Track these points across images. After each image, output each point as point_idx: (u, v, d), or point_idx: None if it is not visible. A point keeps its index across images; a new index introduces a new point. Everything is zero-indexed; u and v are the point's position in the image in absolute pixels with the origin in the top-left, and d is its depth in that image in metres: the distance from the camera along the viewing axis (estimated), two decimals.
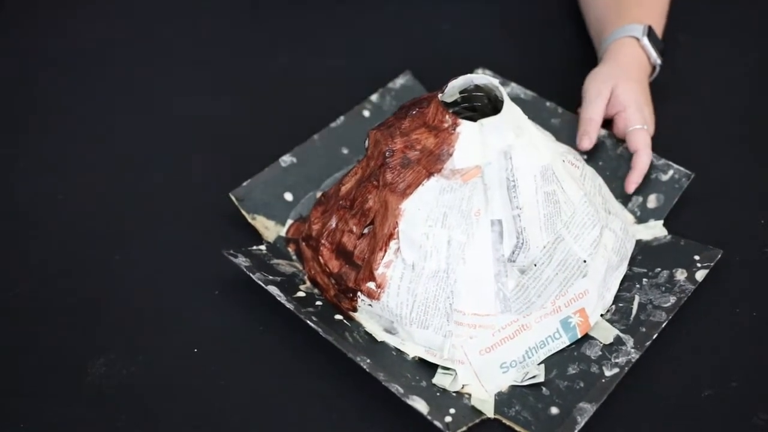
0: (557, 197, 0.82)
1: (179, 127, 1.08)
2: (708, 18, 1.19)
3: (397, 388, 0.76)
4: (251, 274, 0.84)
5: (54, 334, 0.87)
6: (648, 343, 0.81)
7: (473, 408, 0.79)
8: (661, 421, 0.79)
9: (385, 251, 0.81)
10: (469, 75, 0.84)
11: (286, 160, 0.95)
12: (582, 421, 0.76)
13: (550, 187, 0.81)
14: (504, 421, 0.78)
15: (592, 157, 0.98)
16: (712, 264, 0.87)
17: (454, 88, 0.85)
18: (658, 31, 1.04)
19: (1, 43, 1.20)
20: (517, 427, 0.77)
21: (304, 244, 0.89)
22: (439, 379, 0.81)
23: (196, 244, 0.94)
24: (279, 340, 0.85)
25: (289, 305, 0.81)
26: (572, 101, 1.02)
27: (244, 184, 0.92)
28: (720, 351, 0.83)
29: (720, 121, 1.07)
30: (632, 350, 0.81)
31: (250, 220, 0.91)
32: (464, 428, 0.76)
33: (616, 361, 0.81)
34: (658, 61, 1.01)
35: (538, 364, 0.82)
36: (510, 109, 0.81)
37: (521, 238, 0.80)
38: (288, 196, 0.94)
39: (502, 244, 0.80)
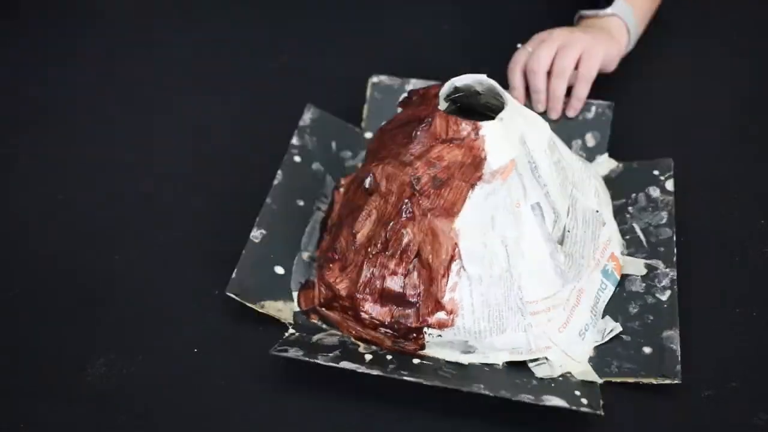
0: (562, 164, 0.85)
1: (179, 127, 1.08)
2: (708, 18, 1.19)
3: (526, 398, 0.75)
4: (323, 362, 0.78)
5: (54, 334, 0.87)
6: (675, 258, 0.86)
7: (584, 382, 0.80)
8: (662, 422, 0.79)
9: (448, 276, 0.80)
10: (451, 80, 0.85)
11: (257, 235, 0.88)
12: (677, 347, 0.80)
13: (555, 157, 0.84)
14: (614, 380, 0.79)
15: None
16: (671, 171, 0.93)
17: (443, 96, 0.85)
18: (645, 14, 1.05)
19: (1, 43, 1.21)
20: (630, 380, 0.79)
21: (325, 309, 0.85)
22: (540, 371, 0.81)
23: (196, 244, 0.94)
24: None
25: (393, 375, 0.77)
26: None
27: (233, 276, 0.84)
28: (720, 351, 0.83)
29: (720, 120, 1.07)
30: (668, 270, 0.86)
31: (259, 310, 0.84)
32: (602, 402, 0.76)
33: (662, 284, 0.85)
34: (608, 11, 1.03)
35: (602, 318, 0.84)
36: (509, 97, 0.83)
37: (555, 212, 0.82)
38: (279, 270, 0.88)
39: (545, 223, 0.81)
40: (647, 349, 0.81)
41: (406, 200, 0.81)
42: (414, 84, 1.04)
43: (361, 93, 1.05)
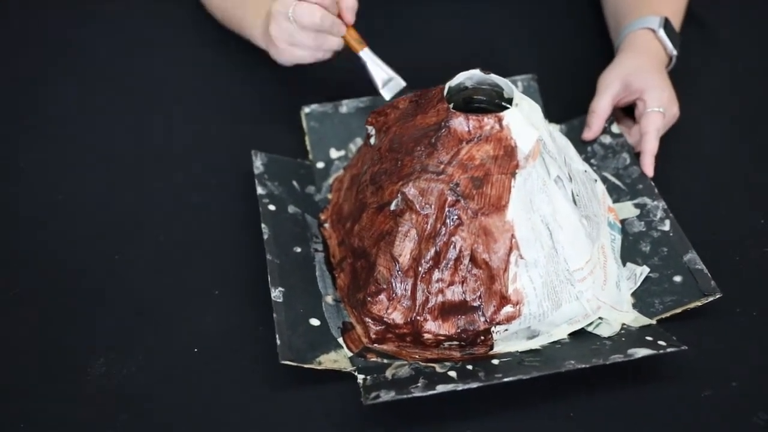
0: (553, 134, 0.88)
1: (179, 126, 1.08)
2: (708, 17, 1.19)
3: (617, 358, 0.78)
4: (420, 395, 0.76)
5: (54, 334, 0.86)
6: (656, 190, 0.92)
7: (642, 328, 0.83)
8: (662, 421, 0.79)
9: (508, 269, 0.80)
10: (447, 84, 0.85)
11: (277, 294, 0.85)
12: (702, 265, 0.86)
13: (548, 128, 0.86)
14: (664, 316, 0.84)
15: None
16: (611, 116, 0.99)
17: (451, 101, 0.85)
18: (676, 23, 1.05)
19: (1, 43, 1.21)
20: (679, 310, 0.84)
21: (377, 345, 0.83)
22: (603, 331, 0.83)
23: (196, 244, 0.94)
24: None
25: (491, 382, 0.76)
26: (574, 99, 1.03)
27: (278, 343, 0.80)
28: (720, 351, 0.83)
29: (720, 120, 1.07)
30: (655, 202, 0.92)
31: (318, 368, 0.81)
32: (674, 337, 0.80)
33: (658, 217, 0.91)
34: (675, 53, 1.03)
35: (624, 266, 0.89)
36: (509, 83, 0.85)
37: (568, 180, 0.84)
38: (314, 322, 0.85)
39: (568, 192, 0.84)
40: (678, 278, 0.86)
41: (449, 208, 0.80)
42: (346, 105, 1.03)
43: (362, 92, 1.05)
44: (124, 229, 0.96)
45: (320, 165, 1.01)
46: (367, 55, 0.99)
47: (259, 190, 0.94)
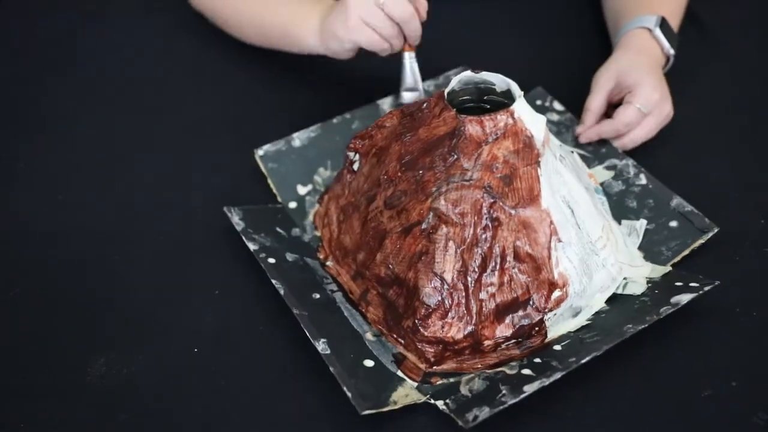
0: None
1: (179, 127, 1.08)
2: (708, 17, 1.19)
3: (668, 310, 0.81)
4: (514, 401, 0.75)
5: (54, 334, 0.87)
6: (619, 150, 0.97)
7: (664, 276, 0.86)
8: (662, 421, 0.79)
9: (551, 256, 0.81)
10: (446, 91, 0.85)
11: (324, 347, 0.81)
12: (690, 207, 0.91)
13: (528, 107, 0.86)
14: (676, 261, 0.88)
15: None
16: (549, 95, 1.04)
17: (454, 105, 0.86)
18: (674, 23, 1.05)
19: (1, 43, 1.21)
20: (687, 251, 0.88)
21: (436, 366, 0.82)
22: (635, 289, 0.86)
23: (196, 244, 0.94)
24: (279, 339, 0.85)
25: (572, 367, 0.78)
26: (574, 99, 1.03)
27: (350, 397, 0.77)
28: (720, 351, 0.83)
29: (720, 120, 1.07)
30: (624, 160, 0.97)
31: (395, 407, 0.78)
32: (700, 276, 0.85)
33: (632, 173, 0.95)
34: (671, 52, 1.03)
35: (620, 224, 0.93)
36: (501, 76, 0.86)
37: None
38: (369, 363, 0.82)
39: (576, 168, 0.88)
40: (673, 223, 0.90)
41: (487, 211, 0.80)
42: (298, 138, 1.00)
43: (363, 93, 1.05)
44: (124, 229, 0.96)
45: (293, 205, 0.97)
46: (410, 58, 1.00)
47: (252, 246, 0.90)
